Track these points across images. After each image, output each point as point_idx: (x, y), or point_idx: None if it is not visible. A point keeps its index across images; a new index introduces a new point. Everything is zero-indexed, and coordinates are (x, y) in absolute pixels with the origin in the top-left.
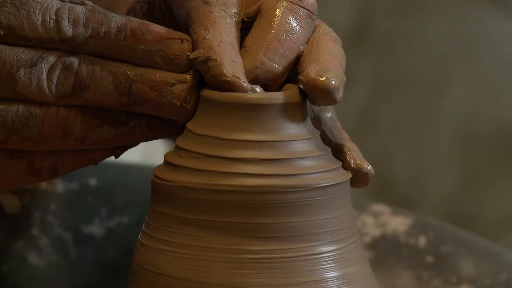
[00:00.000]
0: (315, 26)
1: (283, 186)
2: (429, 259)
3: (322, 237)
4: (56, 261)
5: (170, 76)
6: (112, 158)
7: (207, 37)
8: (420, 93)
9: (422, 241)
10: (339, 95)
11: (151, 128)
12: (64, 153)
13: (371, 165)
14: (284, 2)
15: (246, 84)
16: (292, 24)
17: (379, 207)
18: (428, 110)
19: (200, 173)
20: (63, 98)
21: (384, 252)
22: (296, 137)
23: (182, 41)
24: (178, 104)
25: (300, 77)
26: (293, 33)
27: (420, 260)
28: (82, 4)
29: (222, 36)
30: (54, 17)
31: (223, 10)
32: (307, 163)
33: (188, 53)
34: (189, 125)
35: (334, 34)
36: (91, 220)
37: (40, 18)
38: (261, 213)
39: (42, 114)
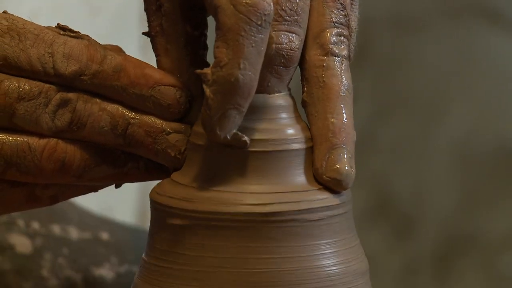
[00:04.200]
0: (322, 51)
1: (287, 212)
2: None
3: (325, 250)
4: None
5: (167, 125)
6: (124, 217)
7: (222, 63)
8: (419, 113)
9: None
10: (352, 178)
11: (149, 170)
12: (64, 185)
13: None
14: None
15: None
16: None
17: None
18: (427, 129)
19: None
20: (60, 133)
21: None
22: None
23: (176, 90)
24: (172, 154)
25: (313, 170)
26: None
27: None
28: (78, 37)
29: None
30: (50, 51)
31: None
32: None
33: (180, 99)
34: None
35: (338, 65)
36: (102, 264)
37: (35, 51)
38: (263, 232)
39: (40, 148)
